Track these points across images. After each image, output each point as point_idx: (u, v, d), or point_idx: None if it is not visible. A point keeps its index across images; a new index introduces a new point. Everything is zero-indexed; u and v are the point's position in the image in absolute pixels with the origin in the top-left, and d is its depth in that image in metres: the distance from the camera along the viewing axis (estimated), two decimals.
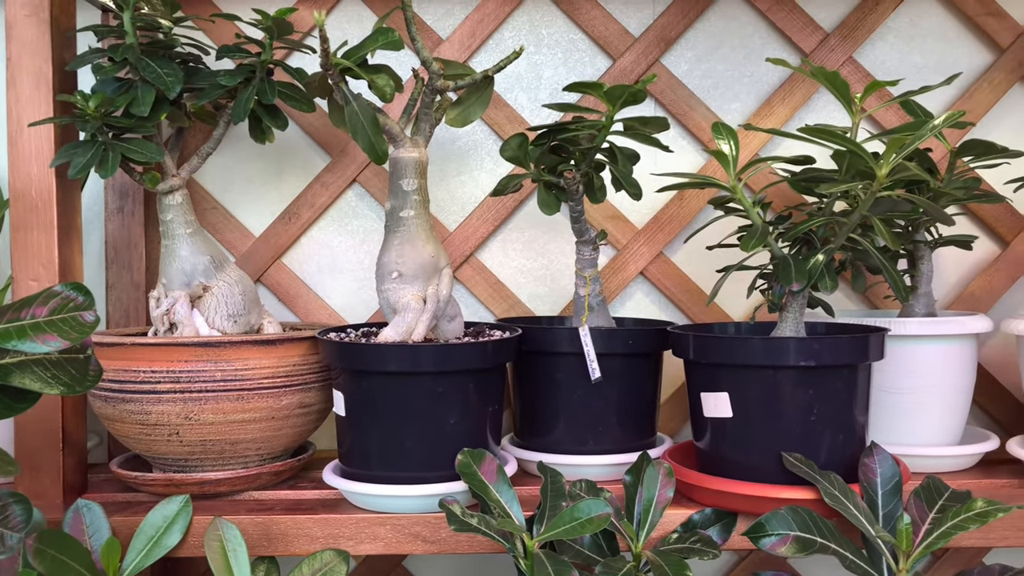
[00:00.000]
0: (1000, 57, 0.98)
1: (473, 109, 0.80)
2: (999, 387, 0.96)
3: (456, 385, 0.72)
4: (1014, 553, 0.97)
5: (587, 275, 0.81)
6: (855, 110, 0.71)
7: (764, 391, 0.70)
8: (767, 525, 0.63)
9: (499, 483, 0.67)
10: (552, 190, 0.77)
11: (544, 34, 1.02)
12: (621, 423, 0.81)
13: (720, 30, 1.01)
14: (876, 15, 0.98)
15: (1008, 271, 0.97)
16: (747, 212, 0.71)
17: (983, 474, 0.81)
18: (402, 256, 0.76)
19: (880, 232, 0.63)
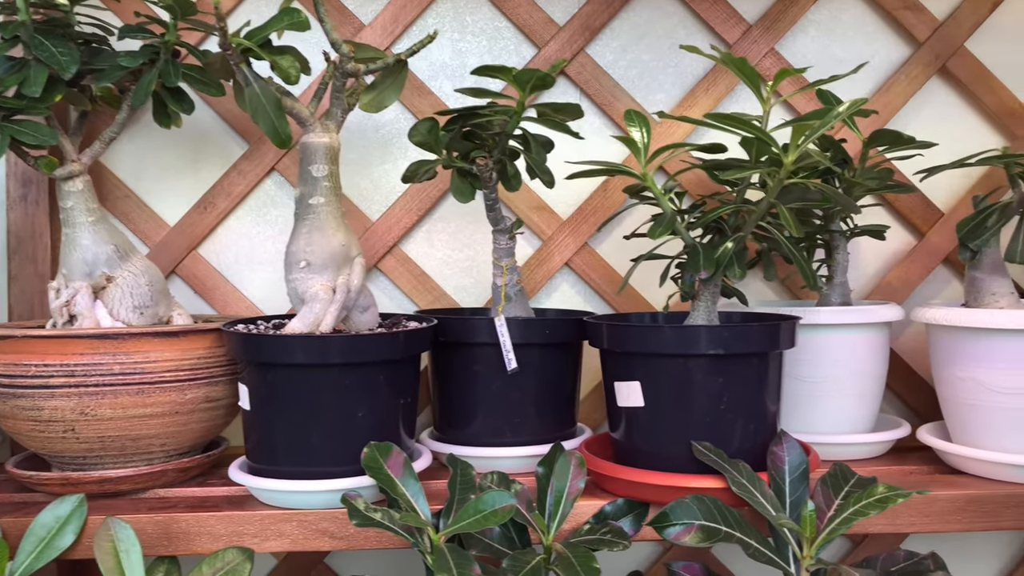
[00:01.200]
0: (917, 50, 0.99)
1: (388, 94, 0.78)
2: (915, 375, 0.98)
3: (365, 377, 0.70)
4: (932, 539, 0.99)
5: (503, 264, 0.80)
6: (765, 98, 0.71)
7: (675, 380, 0.70)
8: (671, 515, 0.63)
9: (405, 477, 0.65)
10: (466, 177, 0.76)
11: (469, 21, 1.00)
12: (540, 414, 0.80)
13: (645, 20, 1.01)
14: (797, 8, 0.99)
15: (923, 262, 0.98)
16: (658, 200, 0.70)
17: (894, 461, 0.82)
18: (311, 245, 0.74)
19: (785, 220, 0.63)
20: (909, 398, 0.98)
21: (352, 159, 0.99)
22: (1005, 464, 0.72)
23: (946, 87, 1.01)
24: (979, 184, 0.99)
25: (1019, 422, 0.71)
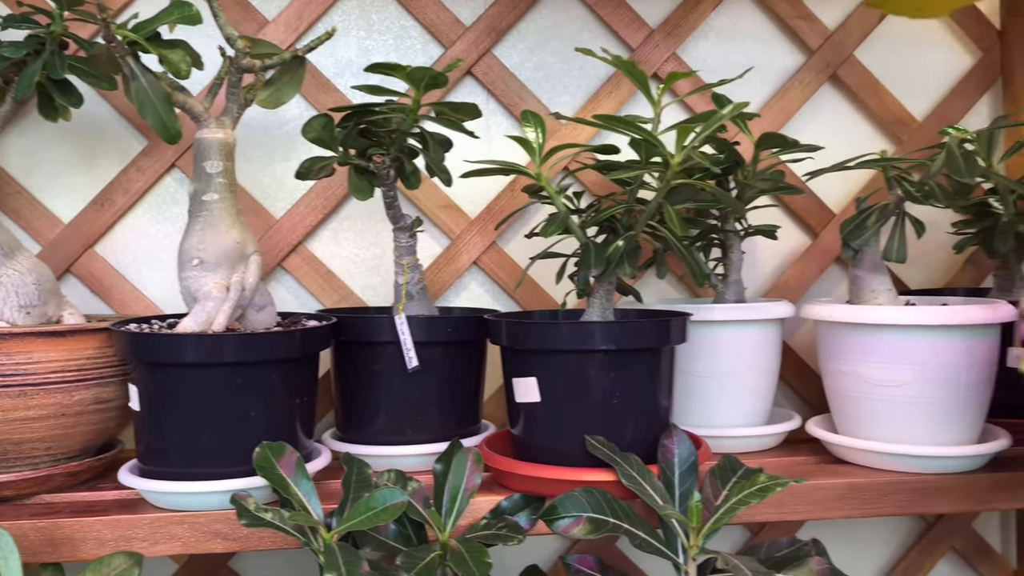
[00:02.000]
0: (810, 58, 1.03)
1: (286, 90, 0.77)
2: (809, 370, 1.01)
3: (260, 376, 0.69)
4: (830, 527, 1.03)
5: (404, 263, 0.80)
6: (656, 100, 0.72)
7: (570, 375, 0.71)
8: (560, 508, 0.64)
9: (298, 476, 0.65)
10: (363, 174, 0.75)
11: (375, 19, 1.00)
12: (442, 412, 0.81)
13: (551, 23, 1.02)
14: (698, 13, 1.02)
15: (818, 260, 1.02)
16: (552, 199, 0.71)
17: (786, 452, 0.85)
18: (204, 242, 0.72)
19: (670, 219, 0.65)
20: (804, 392, 1.02)
21: (256, 156, 0.98)
22: (884, 453, 0.75)
23: (837, 94, 1.05)
24: (870, 186, 1.03)
25: (897, 413, 0.75)
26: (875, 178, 1.03)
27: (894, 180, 0.78)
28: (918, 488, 0.73)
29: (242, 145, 0.97)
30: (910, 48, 1.05)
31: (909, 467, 0.75)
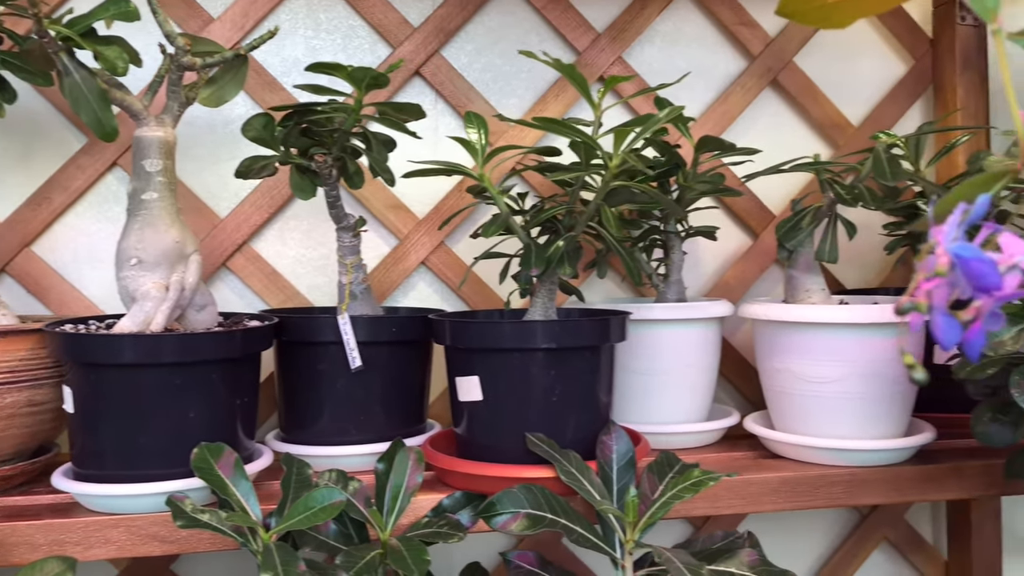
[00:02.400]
0: (752, 63, 1.05)
1: (228, 88, 0.77)
2: (750, 367, 1.04)
3: (198, 377, 0.69)
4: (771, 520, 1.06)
5: (348, 262, 0.80)
6: (596, 103, 0.74)
7: (512, 374, 0.72)
8: (498, 504, 0.65)
9: (236, 477, 0.65)
10: (305, 174, 0.75)
11: (323, 19, 1.00)
12: (386, 412, 0.81)
13: (499, 25, 1.03)
14: (643, 18, 1.04)
15: (758, 261, 1.05)
16: (495, 200, 0.72)
17: (726, 448, 0.87)
18: (142, 241, 0.72)
19: (607, 220, 0.67)
20: (745, 389, 1.04)
21: (201, 155, 0.97)
22: (815, 447, 0.78)
23: (778, 98, 1.08)
24: (807, 189, 1.06)
25: (828, 409, 0.77)
26: (812, 181, 1.06)
27: (826, 183, 0.80)
28: (847, 481, 0.76)
29: (186, 144, 0.96)
30: (847, 55, 1.09)
31: (839, 461, 0.77)
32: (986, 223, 0.31)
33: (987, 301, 0.29)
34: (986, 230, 0.31)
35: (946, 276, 0.28)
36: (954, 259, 0.28)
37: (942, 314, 0.29)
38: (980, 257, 0.27)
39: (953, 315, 0.29)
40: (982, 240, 0.31)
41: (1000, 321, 0.30)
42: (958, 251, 0.27)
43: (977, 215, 0.28)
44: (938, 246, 0.28)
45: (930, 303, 0.29)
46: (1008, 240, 0.30)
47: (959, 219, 0.28)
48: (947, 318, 0.29)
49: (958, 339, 0.30)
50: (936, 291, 0.29)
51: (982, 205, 0.28)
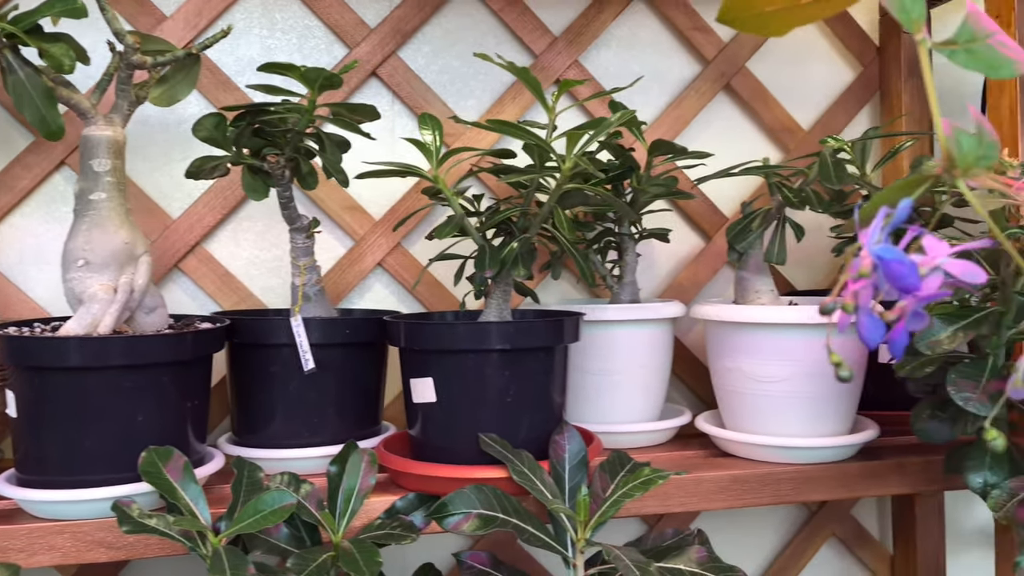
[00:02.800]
0: (705, 68, 1.07)
1: (180, 87, 0.76)
2: (702, 367, 1.05)
3: (147, 380, 0.68)
4: (724, 517, 1.07)
5: (301, 264, 0.79)
6: (551, 107, 0.74)
7: (466, 375, 0.72)
8: (450, 505, 0.65)
9: (185, 481, 0.64)
10: (258, 174, 0.75)
11: (278, 18, 0.99)
12: (340, 414, 0.80)
13: (456, 27, 1.03)
14: (599, 23, 1.05)
15: (711, 262, 1.06)
16: (449, 202, 0.72)
17: (678, 447, 0.88)
18: (90, 242, 0.71)
19: (559, 222, 0.67)
20: (698, 389, 1.06)
21: (154, 155, 0.95)
22: (764, 446, 0.79)
23: (731, 103, 1.10)
24: (759, 192, 1.08)
25: (776, 408, 0.79)
26: (763, 184, 1.08)
27: (775, 186, 0.82)
28: (794, 478, 0.78)
29: (139, 144, 0.94)
30: (798, 61, 1.11)
31: (787, 458, 0.79)
32: (911, 227, 0.33)
33: (910, 301, 0.31)
34: (911, 233, 0.32)
35: (869, 277, 0.29)
36: (876, 261, 0.29)
37: (867, 314, 0.30)
38: (900, 259, 0.28)
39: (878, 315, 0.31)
40: (907, 243, 0.32)
41: (923, 321, 0.32)
42: (880, 253, 0.29)
43: (900, 219, 0.29)
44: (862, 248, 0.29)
45: (856, 303, 0.30)
46: (931, 243, 0.32)
47: (882, 223, 0.29)
48: (871, 318, 0.30)
49: (881, 338, 0.31)
50: (862, 292, 0.30)
51: (904, 209, 0.29)
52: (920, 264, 0.31)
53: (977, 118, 0.28)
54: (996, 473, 0.67)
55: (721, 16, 0.38)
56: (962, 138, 0.27)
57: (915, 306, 0.31)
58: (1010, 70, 0.31)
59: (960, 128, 0.28)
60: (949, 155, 0.28)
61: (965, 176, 0.28)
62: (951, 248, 0.31)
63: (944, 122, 0.27)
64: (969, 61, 0.30)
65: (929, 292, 0.30)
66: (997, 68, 0.31)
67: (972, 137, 0.27)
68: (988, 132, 0.28)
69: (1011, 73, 0.31)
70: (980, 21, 0.31)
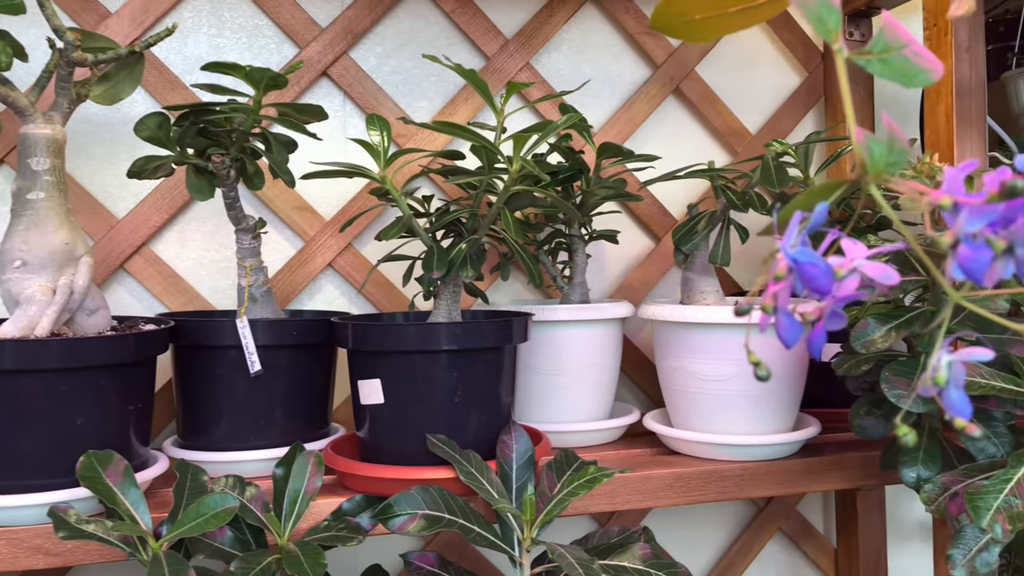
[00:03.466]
0: (655, 72, 1.09)
1: (123, 86, 0.75)
2: (652, 366, 1.07)
3: (87, 383, 0.67)
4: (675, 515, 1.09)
5: (247, 265, 0.79)
6: (499, 109, 0.75)
7: (414, 376, 0.72)
8: (396, 506, 0.65)
9: (125, 485, 0.63)
10: (203, 174, 0.74)
11: (228, 17, 0.98)
12: (288, 416, 0.80)
13: (408, 28, 1.03)
14: (551, 26, 1.05)
15: (660, 264, 1.08)
16: (397, 202, 0.72)
17: (626, 445, 0.90)
18: (28, 243, 0.69)
19: (506, 224, 0.68)
20: (648, 388, 1.07)
21: (99, 154, 0.94)
22: (708, 443, 0.81)
23: (680, 106, 1.11)
24: (706, 194, 1.10)
25: (720, 406, 0.81)
26: (710, 188, 1.10)
27: (720, 189, 0.83)
28: (738, 475, 0.79)
29: (84, 143, 0.93)
30: (746, 67, 1.13)
31: (731, 455, 0.80)
32: (831, 230, 0.34)
33: (829, 302, 0.32)
34: (831, 236, 0.33)
35: (785, 279, 0.30)
36: (791, 264, 0.30)
37: (785, 315, 0.31)
38: (814, 262, 0.29)
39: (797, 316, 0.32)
40: (827, 246, 0.33)
41: (841, 321, 0.33)
42: (795, 256, 0.30)
43: (816, 222, 0.30)
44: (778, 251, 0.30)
45: (775, 304, 0.31)
46: (849, 245, 0.33)
47: (797, 226, 0.30)
48: (790, 318, 0.31)
49: (799, 338, 0.32)
50: (781, 293, 0.31)
51: (820, 213, 0.30)
52: (838, 266, 0.32)
53: (889, 126, 0.29)
54: (929, 468, 0.69)
55: (653, 23, 0.39)
56: (873, 145, 0.29)
57: (833, 306, 0.32)
58: (924, 79, 0.32)
59: (872, 136, 0.29)
60: (861, 162, 0.29)
61: (876, 181, 0.29)
62: (868, 251, 0.32)
63: (856, 130, 0.28)
64: (884, 70, 0.31)
65: (846, 293, 0.31)
66: (911, 77, 0.32)
67: (883, 144, 0.29)
68: (899, 140, 0.29)
69: (925, 82, 0.32)
70: (896, 32, 0.32)
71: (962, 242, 0.25)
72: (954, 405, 0.28)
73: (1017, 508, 0.58)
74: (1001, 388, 0.60)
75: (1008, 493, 0.59)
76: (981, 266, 0.25)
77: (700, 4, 0.36)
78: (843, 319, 0.32)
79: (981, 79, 0.89)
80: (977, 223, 0.25)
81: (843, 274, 0.31)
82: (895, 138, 0.28)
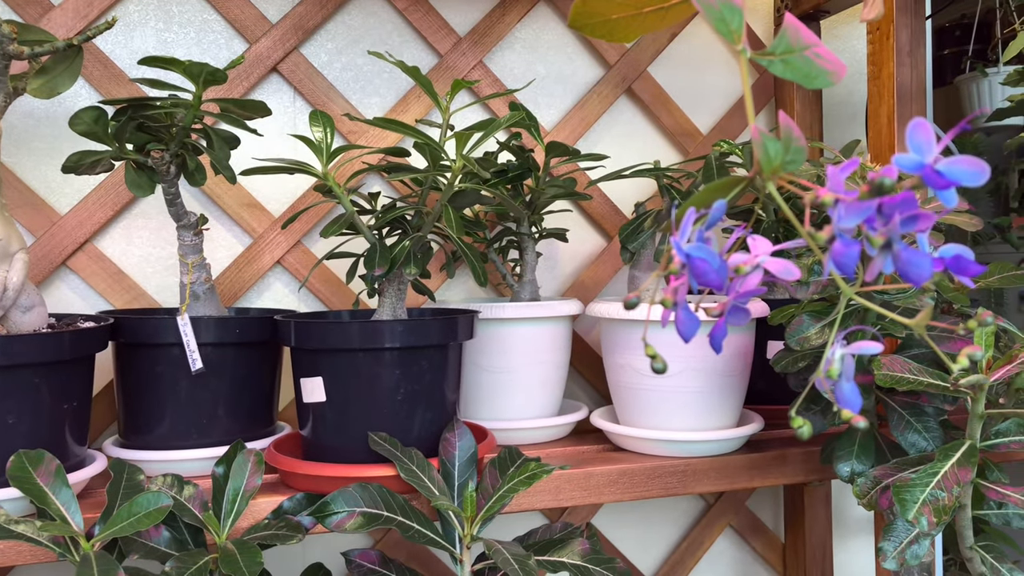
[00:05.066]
0: (608, 72, 1.09)
1: (61, 80, 0.74)
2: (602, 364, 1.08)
3: (20, 381, 0.66)
4: (628, 510, 1.10)
5: (189, 262, 0.78)
6: (444, 107, 0.75)
7: (357, 374, 0.72)
8: (332, 504, 0.65)
9: (57, 485, 0.62)
10: (143, 170, 0.73)
11: (175, 11, 0.97)
12: (231, 415, 0.79)
13: (360, 24, 1.03)
14: (503, 24, 1.06)
15: (611, 262, 1.09)
16: (339, 199, 0.72)
17: (575, 442, 0.90)
18: None
19: (448, 221, 0.68)
20: (599, 385, 1.08)
21: (40, 148, 0.92)
22: (653, 439, 0.82)
23: (633, 106, 1.12)
24: (655, 193, 1.11)
25: (665, 402, 0.81)
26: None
27: (665, 188, 0.84)
28: (681, 470, 0.80)
29: (24, 137, 0.91)
30: (697, 67, 1.14)
31: (674, 452, 0.81)
32: (739, 226, 0.34)
33: (730, 297, 0.32)
34: (737, 233, 0.34)
35: (679, 275, 0.30)
36: (683, 259, 0.30)
37: (684, 309, 0.32)
38: (705, 257, 0.30)
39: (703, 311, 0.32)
40: (733, 242, 0.34)
41: (745, 316, 0.33)
42: (689, 251, 0.30)
43: (715, 219, 0.31)
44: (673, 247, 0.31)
45: (674, 299, 0.31)
46: (755, 242, 0.33)
47: (692, 223, 0.31)
48: (688, 313, 0.32)
49: (696, 332, 0.33)
50: (680, 288, 0.31)
51: (718, 209, 0.31)
52: (743, 263, 0.32)
53: (785, 124, 0.29)
54: (862, 462, 0.70)
55: (571, 23, 0.39)
56: (768, 144, 0.29)
57: (736, 301, 0.32)
58: (825, 80, 0.33)
59: (767, 134, 0.30)
60: (757, 160, 0.29)
61: (771, 178, 0.29)
62: (772, 247, 0.33)
63: (752, 128, 0.29)
64: (786, 71, 0.32)
65: (749, 288, 0.32)
66: (812, 78, 0.32)
67: (778, 143, 0.29)
68: (796, 138, 0.29)
69: (826, 83, 0.33)
70: (799, 33, 0.33)
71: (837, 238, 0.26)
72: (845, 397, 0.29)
73: (943, 501, 0.60)
74: (929, 384, 0.62)
75: (934, 487, 0.60)
76: (851, 260, 0.25)
77: (616, 4, 0.37)
78: (746, 315, 0.33)
79: (922, 83, 0.91)
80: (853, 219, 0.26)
81: (746, 270, 0.32)
82: (792, 136, 0.29)
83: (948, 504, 0.60)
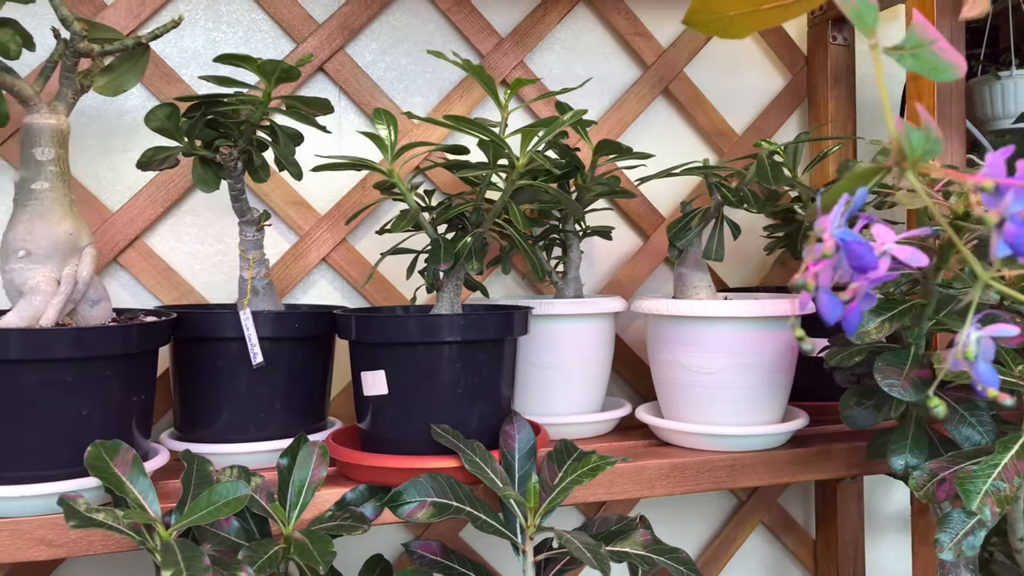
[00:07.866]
0: (645, 72, 1.11)
1: (127, 77, 0.75)
2: (639, 362, 1.09)
3: (92, 373, 0.67)
4: (661, 505, 1.11)
5: (251, 257, 0.79)
6: (503, 104, 0.76)
7: (418, 367, 0.73)
8: (405, 494, 0.66)
9: (134, 474, 0.63)
10: (210, 166, 0.74)
11: (224, 11, 0.98)
12: (288, 409, 0.80)
13: (404, 24, 1.04)
14: (544, 25, 1.07)
15: (648, 260, 1.10)
16: (404, 196, 0.73)
17: (619, 437, 0.91)
18: (32, 233, 0.69)
19: (514, 217, 0.69)
20: (635, 383, 1.09)
21: (92, 145, 0.93)
22: (701, 434, 0.83)
23: (669, 106, 1.14)
24: (693, 193, 1.12)
25: (712, 398, 0.83)
26: (698, 186, 1.13)
27: (714, 186, 0.86)
28: (729, 464, 0.81)
29: (77, 134, 0.92)
30: (732, 68, 1.16)
31: (722, 446, 0.83)
32: (862, 215, 0.36)
33: (863, 283, 0.33)
34: (862, 221, 0.35)
35: (831, 258, 0.32)
36: (839, 243, 0.31)
37: (826, 293, 0.33)
38: (860, 240, 0.31)
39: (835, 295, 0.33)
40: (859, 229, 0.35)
41: (872, 301, 0.35)
42: (842, 235, 0.31)
43: (857, 205, 0.32)
44: (824, 231, 0.32)
45: (816, 283, 0.32)
46: (880, 230, 0.35)
47: (842, 208, 0.32)
48: (830, 296, 0.33)
49: (839, 315, 0.34)
50: (822, 273, 0.32)
51: (861, 196, 0.32)
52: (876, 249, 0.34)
53: (926, 119, 0.31)
54: (916, 456, 0.72)
55: (687, 19, 0.41)
56: (912, 134, 0.30)
57: (867, 287, 0.34)
58: (951, 73, 0.34)
59: (910, 125, 0.31)
60: (900, 149, 0.31)
61: (913, 168, 0.31)
62: (896, 236, 0.34)
63: (895, 119, 0.30)
64: (915, 64, 0.33)
65: (879, 275, 0.33)
66: (940, 72, 0.34)
67: (920, 133, 0.30)
68: (934, 130, 0.31)
69: (952, 76, 0.34)
70: (925, 29, 0.34)
71: (1008, 220, 0.27)
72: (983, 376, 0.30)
73: (1004, 492, 0.61)
74: None
75: (996, 477, 0.62)
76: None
77: (735, 1, 0.38)
78: (873, 300, 0.34)
79: (961, 82, 0.93)
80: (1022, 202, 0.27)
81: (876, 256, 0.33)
82: (931, 128, 0.30)
83: (1009, 495, 0.61)
